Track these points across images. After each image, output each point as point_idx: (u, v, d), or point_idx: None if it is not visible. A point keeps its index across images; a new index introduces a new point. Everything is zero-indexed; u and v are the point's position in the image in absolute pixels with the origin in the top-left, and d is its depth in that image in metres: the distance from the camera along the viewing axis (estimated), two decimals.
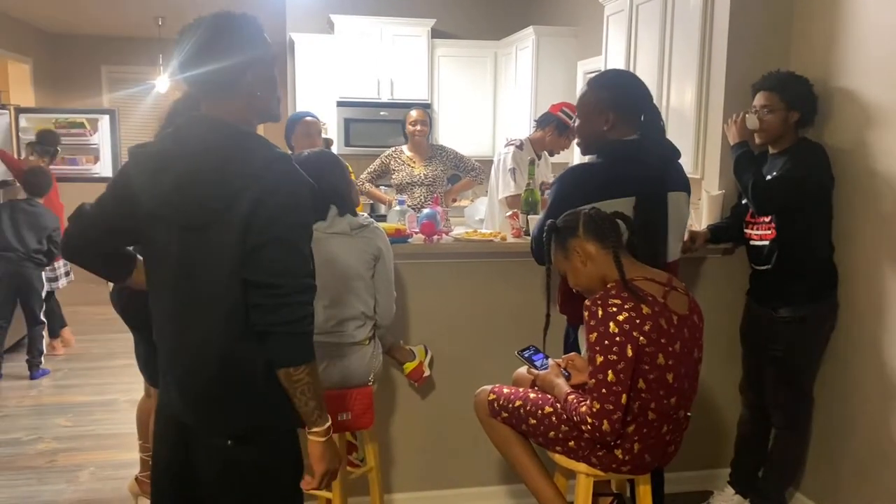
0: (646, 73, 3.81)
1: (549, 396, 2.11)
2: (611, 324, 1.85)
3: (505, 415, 2.19)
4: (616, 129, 2.40)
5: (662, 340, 1.88)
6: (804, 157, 2.87)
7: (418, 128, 4.69)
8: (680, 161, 2.56)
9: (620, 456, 1.96)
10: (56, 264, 5.40)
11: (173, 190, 1.61)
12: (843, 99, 2.90)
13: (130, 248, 1.92)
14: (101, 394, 4.73)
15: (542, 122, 4.06)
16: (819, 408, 3.04)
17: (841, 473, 2.96)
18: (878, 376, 2.77)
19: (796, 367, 2.98)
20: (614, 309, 1.86)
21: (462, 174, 5.01)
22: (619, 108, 2.38)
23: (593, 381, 1.88)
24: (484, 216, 4.74)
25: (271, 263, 1.60)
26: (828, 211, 2.93)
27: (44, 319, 5.15)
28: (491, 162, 6.56)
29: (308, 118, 4.00)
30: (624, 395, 1.85)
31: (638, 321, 1.85)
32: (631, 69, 4.09)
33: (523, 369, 2.39)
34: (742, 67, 3.15)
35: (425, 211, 3.08)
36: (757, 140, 2.98)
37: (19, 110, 6.49)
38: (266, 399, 1.68)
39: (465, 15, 6.81)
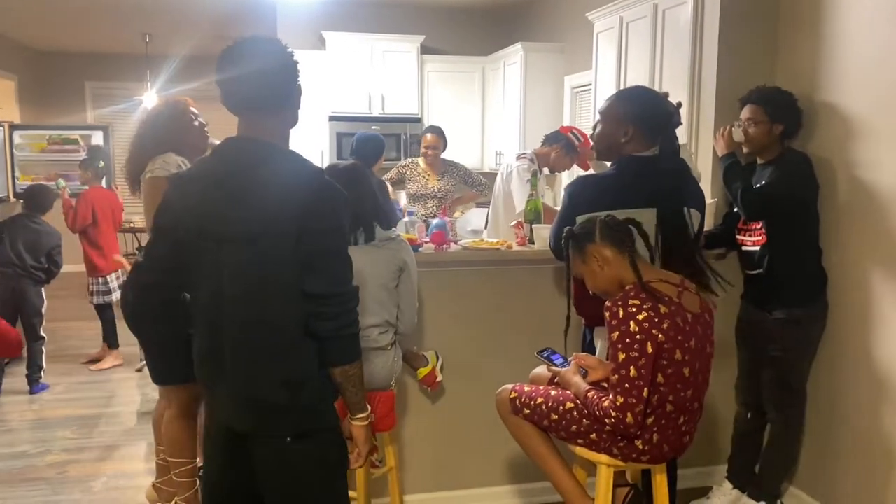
0: None
1: (569, 393, 2.25)
2: (631, 323, 2.00)
3: (527, 411, 2.32)
4: (633, 142, 2.53)
5: (679, 337, 2.03)
6: (790, 166, 3.05)
7: (430, 151, 5.05)
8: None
9: (640, 447, 2.10)
10: (108, 277, 5.44)
11: (227, 205, 1.73)
12: (828, 112, 3.09)
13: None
14: (104, 406, 4.78)
15: (552, 139, 4.22)
16: (812, 404, 3.20)
17: (833, 466, 3.12)
18: (867, 372, 2.94)
19: (791, 366, 3.14)
20: (634, 309, 2.01)
21: (469, 188, 5.29)
22: (640, 123, 2.51)
23: (616, 376, 2.02)
24: (477, 226, 4.90)
25: (328, 274, 1.74)
26: (814, 216, 3.11)
27: (43, 335, 5.18)
28: (480, 173, 6.75)
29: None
30: (645, 389, 1.99)
31: (657, 320, 2.00)
32: (622, 85, 4.27)
33: (540, 368, 2.52)
34: (731, 82, 3.32)
35: (435, 221, 3.21)
36: (744, 150, 3.17)
37: (13, 127, 6.51)
38: (323, 397, 1.82)
39: (453, 31, 6.99)
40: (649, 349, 1.98)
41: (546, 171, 4.41)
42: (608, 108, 2.62)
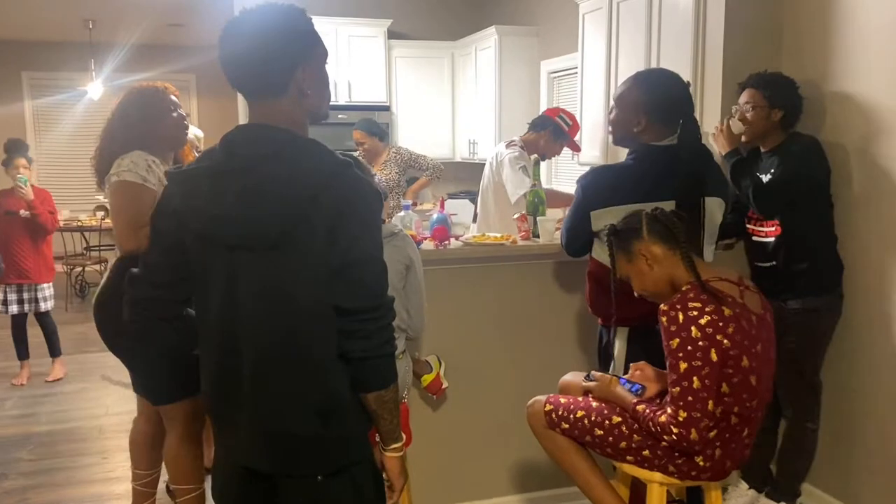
0: (629, 72, 3.79)
1: (614, 405, 2.04)
2: (693, 328, 1.80)
3: (565, 426, 2.10)
4: (648, 132, 2.39)
5: (745, 342, 1.84)
6: (798, 151, 2.93)
7: (359, 149, 4.84)
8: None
9: (701, 463, 1.91)
10: (41, 286, 5.01)
11: (235, 207, 1.45)
12: (840, 96, 2.96)
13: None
14: (60, 422, 4.40)
15: (538, 125, 4.00)
16: (829, 398, 3.08)
17: (853, 464, 3.01)
18: (887, 364, 2.82)
19: (806, 358, 3.02)
20: (695, 313, 1.81)
21: (419, 173, 5.04)
22: (653, 113, 2.37)
23: (677, 388, 1.82)
24: (461, 220, 4.68)
25: (363, 286, 1.48)
26: (828, 202, 2.99)
27: None
28: (452, 162, 6.53)
29: None
30: (710, 402, 1.80)
31: (721, 324, 1.81)
32: (612, 69, 4.09)
33: (569, 376, 2.32)
34: (737, 67, 3.16)
35: (436, 215, 2.98)
36: (743, 138, 3.03)
37: None
38: (356, 429, 1.56)
39: (421, 15, 6.72)
40: (714, 357, 1.79)
41: (534, 157, 4.23)
42: (622, 94, 2.47)
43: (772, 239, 2.98)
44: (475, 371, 3.03)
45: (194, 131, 4.04)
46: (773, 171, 2.94)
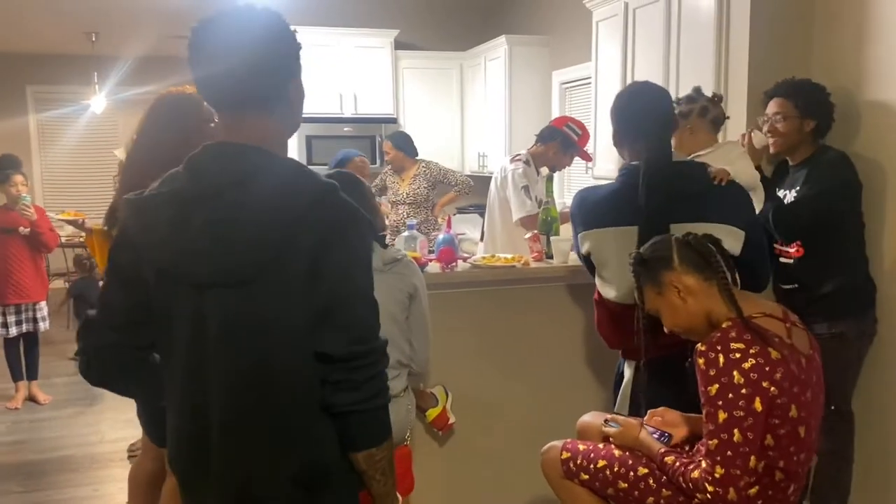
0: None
1: (639, 454, 1.83)
2: (735, 373, 1.58)
3: (585, 477, 1.89)
4: (622, 147, 2.30)
5: (795, 389, 1.62)
6: (824, 170, 2.73)
7: (388, 159, 4.92)
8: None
9: None
10: (39, 305, 4.85)
11: (203, 239, 1.25)
12: (873, 108, 2.77)
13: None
14: (54, 450, 4.22)
15: (546, 136, 3.81)
16: (861, 430, 2.87)
17: (890, 498, 2.78)
18: None
19: (835, 387, 2.79)
20: (738, 355, 1.60)
21: (448, 188, 5.00)
22: (617, 126, 2.28)
23: (714, 441, 1.60)
24: (468, 236, 4.50)
25: (352, 329, 1.28)
26: (858, 221, 2.79)
27: None
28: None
29: (358, 157, 3.87)
30: (753, 457, 1.58)
31: (767, 368, 1.59)
32: (628, 78, 3.89)
33: (588, 417, 2.11)
34: (764, 75, 2.96)
35: (441, 236, 2.78)
36: (771, 150, 2.83)
37: None
38: (343, 495, 1.36)
39: (428, 25, 6.55)
40: (758, 406, 1.57)
41: (545, 171, 4.03)
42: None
43: (792, 260, 2.78)
44: (483, 404, 2.83)
45: None
46: (798, 187, 2.74)
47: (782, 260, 2.84)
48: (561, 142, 3.78)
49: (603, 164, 4.15)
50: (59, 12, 6.45)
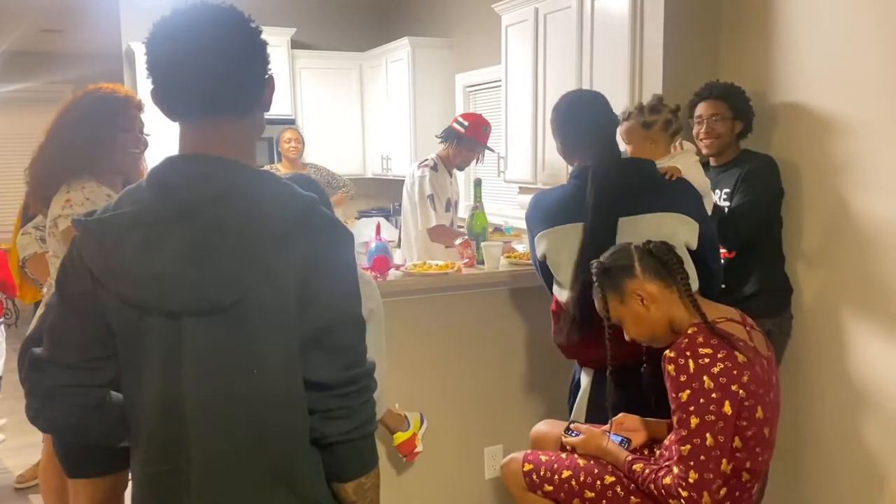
0: (560, 86, 3.65)
1: (604, 462, 1.83)
2: (705, 378, 1.61)
3: (549, 488, 1.87)
4: (568, 153, 2.36)
5: (760, 391, 1.67)
6: (759, 177, 2.81)
7: (293, 145, 4.81)
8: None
9: None
10: None
11: (179, 264, 1.13)
12: (788, 111, 2.89)
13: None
14: None
15: (444, 137, 3.83)
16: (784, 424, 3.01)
17: (804, 487, 2.94)
18: (835, 386, 2.77)
19: None
20: (707, 360, 1.62)
21: (334, 191, 4.93)
22: (558, 131, 2.34)
23: (686, 446, 1.62)
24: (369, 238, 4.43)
25: (343, 353, 1.20)
26: (778, 222, 2.92)
27: None
28: (363, 179, 6.25)
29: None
30: (724, 461, 1.61)
31: (735, 372, 1.63)
32: (540, 83, 3.93)
33: (543, 426, 2.10)
34: (677, 82, 3.06)
35: (375, 244, 2.69)
36: (705, 151, 2.91)
37: None
38: None
39: (326, 25, 6.39)
40: (728, 410, 1.60)
41: (456, 171, 4.04)
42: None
43: (723, 262, 2.87)
44: (431, 419, 2.73)
45: None
46: (728, 190, 2.83)
47: None
48: (456, 139, 3.79)
49: (515, 168, 4.17)
50: None
